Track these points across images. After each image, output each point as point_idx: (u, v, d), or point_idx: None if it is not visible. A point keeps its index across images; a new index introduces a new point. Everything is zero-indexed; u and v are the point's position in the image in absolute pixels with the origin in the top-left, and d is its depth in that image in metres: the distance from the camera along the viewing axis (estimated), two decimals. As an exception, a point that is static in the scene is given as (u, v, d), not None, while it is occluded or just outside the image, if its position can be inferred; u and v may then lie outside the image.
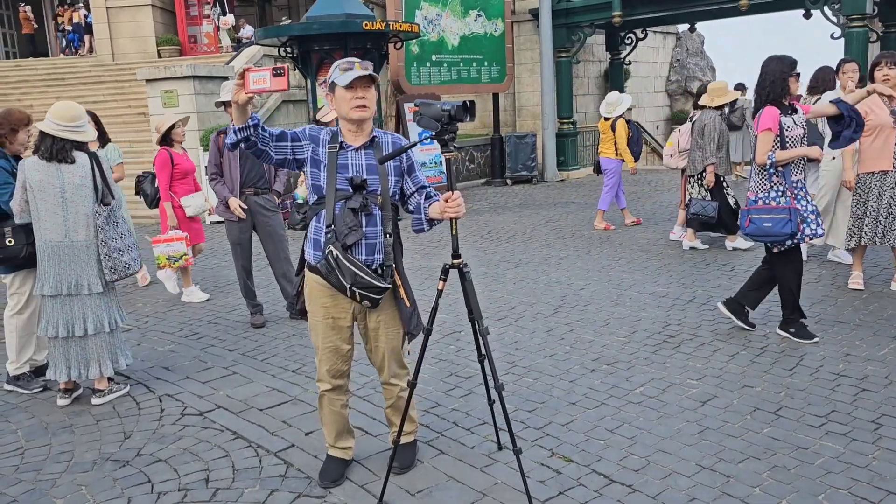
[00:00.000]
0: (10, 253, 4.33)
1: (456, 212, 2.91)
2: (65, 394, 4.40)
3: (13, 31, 24.05)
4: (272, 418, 4.04)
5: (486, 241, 9.07)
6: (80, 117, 4.18)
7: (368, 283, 2.97)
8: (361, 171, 3.03)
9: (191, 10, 21.16)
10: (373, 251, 3.05)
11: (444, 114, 2.85)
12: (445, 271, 3.09)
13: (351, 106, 2.97)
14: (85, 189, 4.17)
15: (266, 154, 3.00)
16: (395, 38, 11.23)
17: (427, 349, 4.98)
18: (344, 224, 2.97)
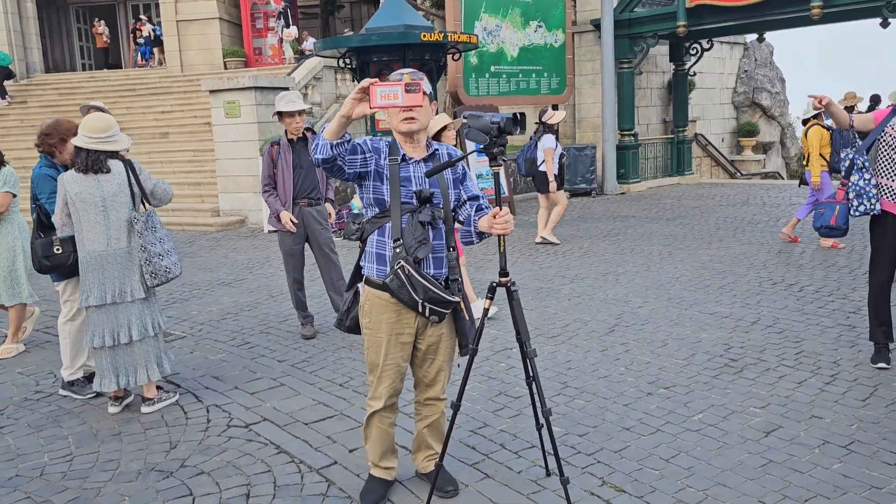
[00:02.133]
0: (59, 261, 4.40)
1: (503, 228, 2.82)
2: (115, 401, 4.44)
3: (89, 44, 25.00)
4: (317, 433, 3.98)
5: (541, 255, 8.90)
6: (110, 128, 4.23)
7: (440, 297, 2.91)
8: (423, 183, 2.98)
9: (256, 23, 21.62)
10: (441, 265, 3.01)
11: (493, 126, 2.76)
12: (492, 290, 2.97)
13: (400, 118, 2.94)
14: (123, 196, 4.22)
15: (342, 169, 2.89)
16: (453, 50, 11.19)
17: (474, 368, 4.87)
18: (413, 238, 2.91)
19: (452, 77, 12.72)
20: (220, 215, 12.62)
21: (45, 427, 4.23)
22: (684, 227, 10.62)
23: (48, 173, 4.55)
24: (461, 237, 3.10)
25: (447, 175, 3.04)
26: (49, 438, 4.07)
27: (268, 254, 9.61)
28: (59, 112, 17.71)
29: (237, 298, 7.16)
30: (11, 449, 3.95)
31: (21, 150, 16.29)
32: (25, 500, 3.38)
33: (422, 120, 2.94)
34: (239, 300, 7.08)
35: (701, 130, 19.56)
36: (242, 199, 12.33)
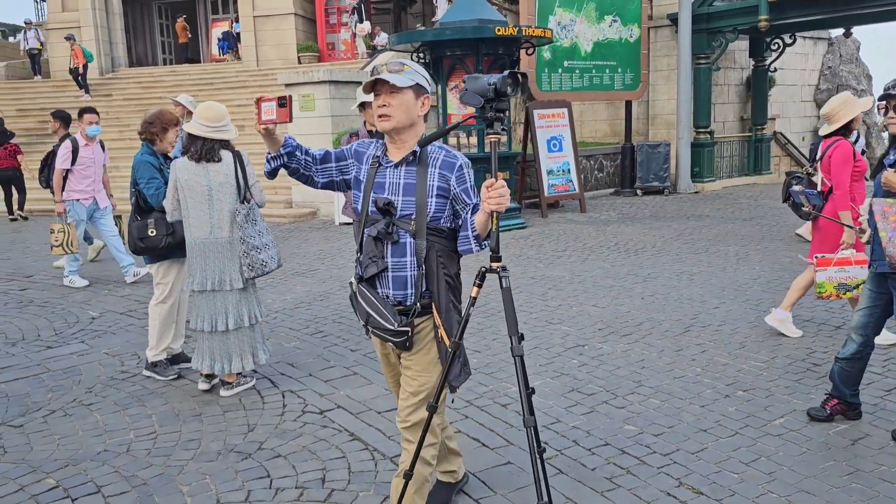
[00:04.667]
0: (152, 243, 4.60)
1: (497, 203, 2.40)
2: (206, 379, 4.58)
3: (170, 39, 25.86)
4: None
5: (613, 253, 8.76)
6: (223, 117, 4.35)
7: (379, 324, 2.60)
8: (397, 191, 2.60)
9: (330, 19, 21.97)
10: (403, 285, 2.62)
11: (489, 88, 2.40)
12: (482, 276, 2.54)
13: (375, 115, 2.61)
14: (229, 187, 4.34)
15: (311, 179, 2.72)
16: (527, 44, 11.12)
17: (546, 364, 4.84)
18: (366, 254, 2.63)
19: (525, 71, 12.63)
20: (292, 207, 12.88)
21: (131, 406, 4.40)
22: (762, 228, 10.29)
23: (148, 160, 4.74)
24: (459, 245, 2.65)
25: (432, 182, 2.59)
26: (134, 416, 4.23)
27: (339, 245, 9.76)
28: (141, 104, 18.40)
29: (310, 288, 7.29)
30: (100, 425, 4.13)
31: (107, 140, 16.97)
32: (113, 474, 3.53)
33: (398, 117, 2.56)
34: (312, 290, 7.21)
35: (781, 129, 18.90)
36: (314, 191, 12.55)
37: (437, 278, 2.60)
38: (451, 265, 2.66)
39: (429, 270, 2.59)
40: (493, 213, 2.43)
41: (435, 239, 2.60)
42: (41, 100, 19.47)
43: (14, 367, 5.16)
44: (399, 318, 2.58)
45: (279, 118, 2.52)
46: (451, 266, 2.65)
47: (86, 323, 6.28)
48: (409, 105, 2.57)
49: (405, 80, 2.54)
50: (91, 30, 21.37)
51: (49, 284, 7.89)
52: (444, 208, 2.62)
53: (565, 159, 12.73)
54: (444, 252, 2.62)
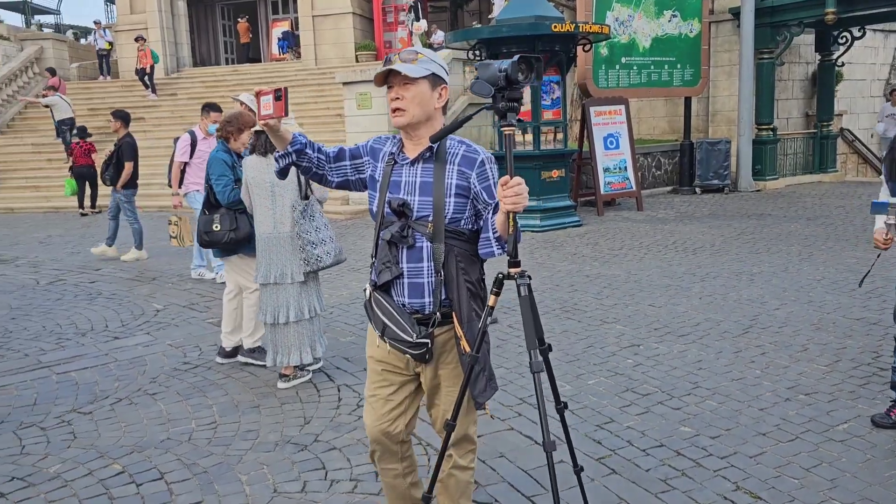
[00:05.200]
0: (215, 237, 4.78)
1: (514, 202, 2.17)
2: (285, 379, 4.69)
3: (232, 39, 26.46)
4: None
5: (671, 252, 8.62)
6: None
7: (396, 335, 2.42)
8: (413, 190, 2.41)
9: (387, 17, 22.14)
10: (420, 293, 2.42)
11: (500, 75, 2.19)
12: (499, 283, 2.37)
13: (390, 111, 2.43)
14: (290, 183, 4.45)
15: (324, 178, 2.56)
16: (584, 41, 11.01)
17: (600, 363, 4.80)
18: (380, 259, 2.46)
19: (581, 69, 12.52)
20: (349, 204, 13.05)
21: (193, 396, 4.54)
22: (827, 228, 9.97)
23: (221, 157, 4.91)
24: (480, 248, 2.43)
25: (450, 179, 2.39)
26: (196, 406, 4.37)
27: (394, 242, 9.83)
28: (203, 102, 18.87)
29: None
30: (163, 414, 4.27)
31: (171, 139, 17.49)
32: (176, 462, 3.65)
33: (413, 111, 2.36)
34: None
35: (848, 125, 18.27)
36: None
37: (458, 285, 2.38)
38: (472, 271, 2.44)
39: (448, 276, 2.38)
40: (511, 214, 2.21)
41: (454, 242, 2.38)
42: (110, 99, 20.16)
43: (84, 356, 5.38)
44: (418, 329, 2.39)
45: (276, 112, 2.37)
46: (472, 272, 2.44)
47: (150, 315, 6.50)
48: (424, 97, 2.37)
49: (419, 69, 2.34)
50: (157, 31, 22.03)
51: (116, 277, 8.19)
52: (465, 209, 2.40)
53: (622, 157, 12.57)
54: (465, 256, 2.41)
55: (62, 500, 3.31)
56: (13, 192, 16.54)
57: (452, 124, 2.37)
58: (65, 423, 4.16)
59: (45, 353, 5.50)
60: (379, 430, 2.59)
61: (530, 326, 2.28)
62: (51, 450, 3.82)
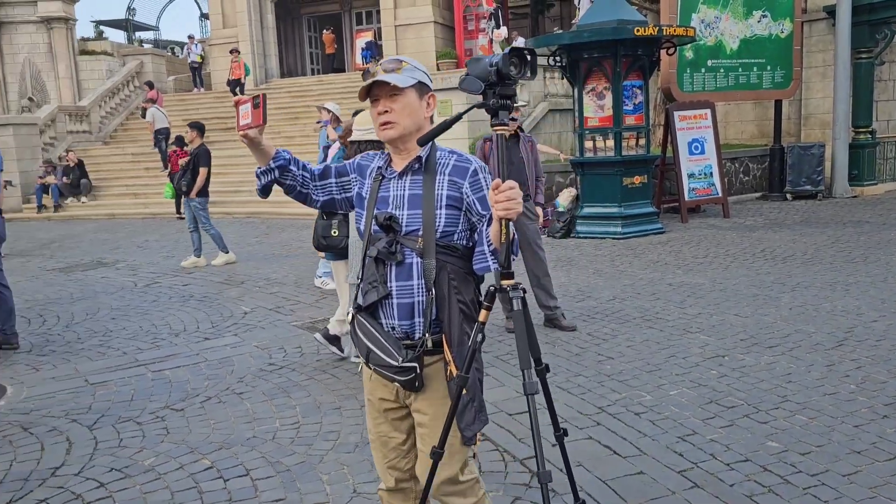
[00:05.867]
0: (333, 242, 4.98)
1: (506, 208, 1.99)
2: None
3: (318, 50, 27.19)
4: (520, 424, 4.05)
5: (759, 260, 8.32)
6: None
7: (381, 360, 2.23)
8: (402, 203, 2.25)
9: (468, 25, 22.28)
10: (410, 314, 2.24)
11: (491, 70, 2.03)
12: (491, 297, 2.17)
13: (377, 123, 2.27)
14: None
15: (309, 197, 2.40)
16: (668, 44, 10.79)
17: (683, 374, 4.69)
18: (366, 279, 2.28)
19: (665, 73, 12.26)
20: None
21: (277, 396, 4.69)
22: (931, 236, 9.41)
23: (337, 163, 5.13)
24: (474, 263, 2.22)
25: (440, 191, 2.22)
26: (280, 406, 4.51)
27: (473, 248, 9.88)
28: (291, 113, 19.49)
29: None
30: (250, 413, 4.43)
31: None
32: (260, 459, 3.78)
33: (404, 123, 2.22)
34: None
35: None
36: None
37: (449, 305, 2.20)
38: (466, 290, 2.24)
39: (439, 295, 2.19)
40: (503, 222, 2.04)
41: (447, 258, 2.20)
42: (203, 110, 21.07)
43: (177, 355, 5.63)
44: (405, 353, 2.20)
45: (254, 121, 2.19)
46: (465, 291, 2.23)
47: (238, 317, 6.75)
48: (413, 107, 2.23)
49: (406, 79, 2.20)
50: (248, 44, 22.89)
51: (207, 281, 8.53)
52: (457, 222, 2.23)
53: (708, 162, 12.24)
54: (459, 274, 2.22)
55: (155, 492, 3.47)
56: (114, 199, 17.48)
57: (442, 124, 2.18)
58: (159, 419, 4.37)
59: (141, 351, 5.79)
60: (386, 469, 2.43)
61: (524, 344, 2.10)
62: (146, 444, 4.02)
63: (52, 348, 6.02)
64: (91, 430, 4.24)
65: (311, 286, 7.90)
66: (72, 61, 22.76)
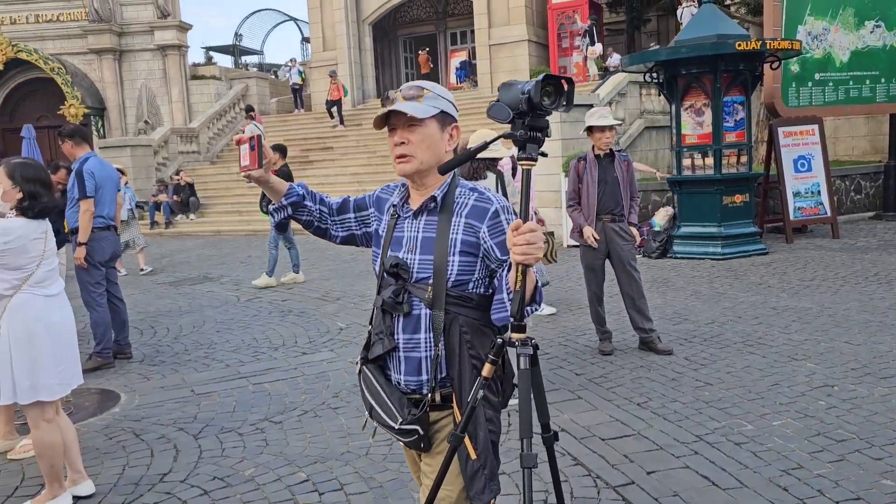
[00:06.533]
0: None
1: (524, 252, 1.77)
2: None
3: (413, 70, 27.72)
4: (613, 450, 3.96)
5: (872, 284, 7.86)
6: (490, 136, 4.67)
7: (381, 419, 2.08)
8: (415, 247, 2.07)
9: (562, 43, 22.24)
10: (417, 370, 2.06)
11: (521, 98, 1.80)
12: (497, 349, 1.94)
13: (393, 156, 2.09)
14: None
15: (328, 233, 2.28)
16: (771, 58, 10.41)
17: (788, 403, 4.47)
18: (374, 329, 2.14)
19: (769, 87, 11.82)
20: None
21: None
22: None
23: None
24: (493, 313, 2.02)
25: (455, 235, 2.03)
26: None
27: (567, 267, 9.79)
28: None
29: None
30: (344, 428, 4.53)
31: (357, 167, 18.63)
32: (354, 475, 3.85)
33: (422, 156, 2.03)
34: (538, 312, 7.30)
35: None
36: (544, 213, 12.73)
37: (461, 361, 2.02)
38: (480, 344, 2.03)
39: (449, 350, 2.02)
40: (520, 267, 1.80)
41: (459, 310, 2.02)
42: (303, 130, 21.85)
43: (276, 369, 5.83)
44: (406, 412, 2.04)
45: (251, 163, 2.10)
46: (480, 345, 2.03)
47: (334, 333, 6.93)
48: (433, 140, 2.04)
49: (426, 108, 2.02)
50: (346, 66, 23.63)
51: (305, 297, 8.80)
52: (473, 269, 2.03)
53: (815, 180, 11.69)
54: (472, 327, 2.03)
55: (254, 502, 3.60)
56: (220, 216, 18.33)
57: (467, 152, 2.03)
58: (258, 431, 4.53)
59: (243, 364, 6.03)
60: None
61: (526, 409, 1.84)
62: (246, 454, 4.18)
63: (161, 359, 6.36)
64: (196, 439, 4.44)
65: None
66: (184, 86, 24.10)
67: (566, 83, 1.82)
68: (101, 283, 6.23)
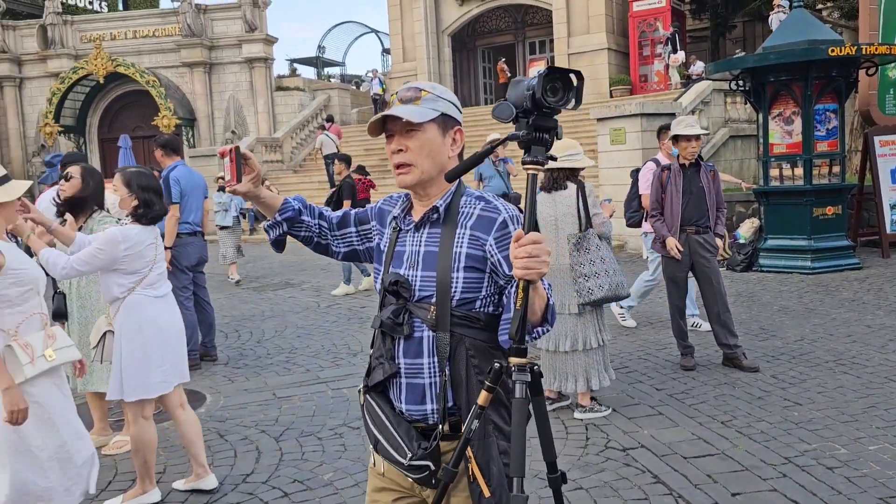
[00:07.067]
0: None
1: (526, 266, 1.59)
2: (548, 401, 4.85)
3: (491, 80, 27.80)
4: (696, 469, 3.84)
5: (979, 303, 7.38)
6: (573, 146, 4.66)
7: (389, 454, 1.89)
8: (416, 262, 1.90)
9: (643, 51, 21.87)
10: (420, 398, 1.88)
11: (526, 95, 1.64)
12: (495, 376, 1.72)
13: (392, 165, 1.93)
14: (570, 217, 4.63)
15: (329, 249, 2.12)
16: (867, 63, 9.95)
17: (886, 427, 4.24)
18: (374, 353, 1.96)
19: (864, 94, 11.31)
20: (599, 239, 12.95)
21: (447, 421, 4.78)
22: None
23: None
24: (501, 332, 1.83)
25: (459, 248, 1.85)
26: (449, 431, 4.59)
27: (646, 280, 9.57)
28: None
29: (615, 321, 7.26)
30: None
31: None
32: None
33: (423, 165, 1.87)
34: (616, 322, 7.17)
35: None
36: (622, 223, 12.50)
37: (468, 388, 1.83)
38: (488, 363, 1.82)
39: (455, 376, 1.84)
40: (521, 283, 1.62)
41: (465, 331, 1.84)
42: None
43: (354, 374, 5.92)
44: (415, 445, 1.83)
45: (231, 177, 1.97)
46: (488, 364, 1.81)
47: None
48: (433, 146, 1.87)
49: (425, 111, 1.85)
50: (425, 76, 23.91)
51: (382, 304, 8.90)
52: (480, 286, 1.85)
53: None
54: (480, 350, 1.85)
55: (333, 506, 3.66)
56: (300, 224, 18.75)
57: (473, 157, 1.81)
58: (337, 436, 4.60)
59: (322, 369, 6.15)
60: None
61: (520, 443, 1.61)
62: (325, 458, 4.25)
63: (245, 362, 6.56)
64: (277, 442, 4.55)
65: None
66: (269, 97, 24.89)
67: (575, 77, 1.64)
68: (188, 287, 6.46)
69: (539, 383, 1.73)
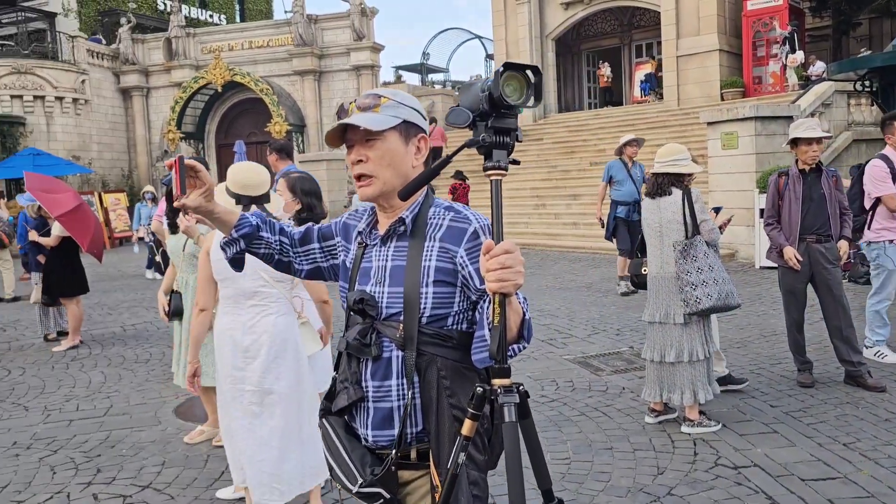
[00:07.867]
0: (642, 279, 4.87)
1: (500, 278, 1.47)
2: (651, 413, 4.76)
3: (596, 84, 27.36)
4: (815, 493, 3.63)
5: None
6: (679, 151, 4.55)
7: (340, 480, 1.78)
8: (383, 278, 1.80)
9: (758, 52, 20.91)
10: (387, 422, 1.77)
11: (482, 96, 1.54)
12: (479, 401, 1.59)
13: (353, 176, 1.84)
14: (676, 224, 4.50)
15: (291, 266, 2.00)
16: None
17: None
18: (339, 377, 1.85)
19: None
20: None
21: (548, 429, 4.72)
22: None
23: None
24: (474, 352, 1.70)
25: (427, 262, 1.75)
26: (551, 440, 4.53)
27: (759, 290, 9.16)
28: (567, 147, 19.80)
29: (725, 334, 6.97)
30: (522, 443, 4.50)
31: (537, 181, 18.68)
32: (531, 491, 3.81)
33: (384, 175, 1.79)
34: (728, 335, 6.89)
35: None
36: (734, 231, 12.00)
37: (438, 412, 1.71)
38: (463, 392, 1.71)
39: (425, 399, 1.73)
40: (497, 297, 1.50)
41: (437, 350, 1.73)
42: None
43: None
44: (368, 471, 1.73)
45: (176, 191, 1.82)
46: (463, 393, 1.71)
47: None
48: (395, 155, 1.78)
49: (384, 119, 1.77)
50: (527, 81, 23.76)
51: (483, 309, 8.91)
52: (451, 301, 1.75)
53: None
54: (453, 371, 1.74)
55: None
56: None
57: (429, 170, 1.73)
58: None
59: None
60: None
61: (517, 472, 1.49)
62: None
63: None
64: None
65: (584, 320, 7.87)
66: (374, 103, 25.45)
67: (533, 73, 1.54)
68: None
69: (527, 405, 1.59)
